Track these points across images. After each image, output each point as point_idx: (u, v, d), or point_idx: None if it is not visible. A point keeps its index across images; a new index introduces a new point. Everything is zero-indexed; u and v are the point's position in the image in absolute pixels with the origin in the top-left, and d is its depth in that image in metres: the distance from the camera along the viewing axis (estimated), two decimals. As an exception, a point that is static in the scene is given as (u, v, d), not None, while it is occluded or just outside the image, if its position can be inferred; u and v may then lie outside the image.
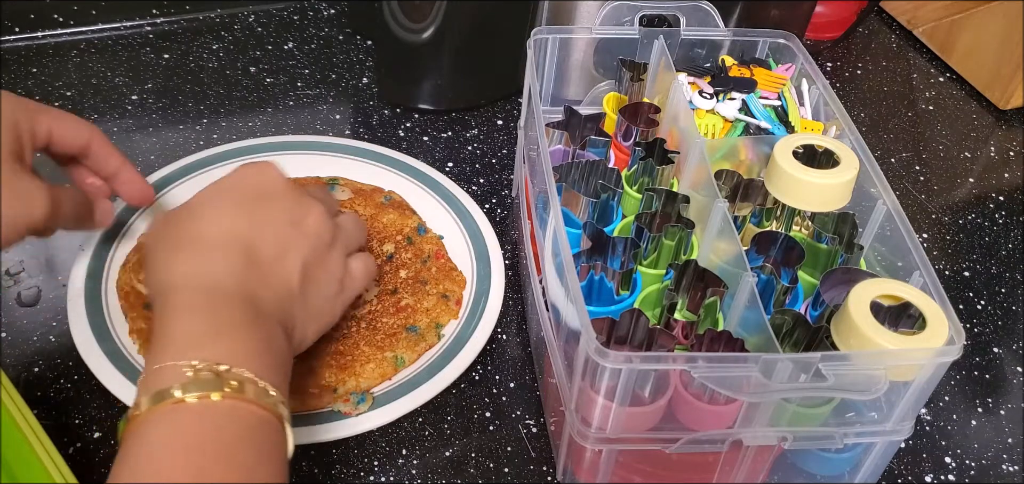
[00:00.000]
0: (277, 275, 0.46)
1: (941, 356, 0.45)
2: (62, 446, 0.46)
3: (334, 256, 0.50)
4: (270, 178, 0.49)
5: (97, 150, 0.54)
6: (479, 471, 0.54)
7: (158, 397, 0.39)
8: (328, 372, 0.54)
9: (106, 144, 0.54)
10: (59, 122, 0.51)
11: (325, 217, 0.50)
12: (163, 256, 0.46)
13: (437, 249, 0.64)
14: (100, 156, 0.54)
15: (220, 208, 0.47)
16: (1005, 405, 0.62)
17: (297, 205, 0.49)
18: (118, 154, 0.55)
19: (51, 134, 0.51)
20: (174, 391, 0.38)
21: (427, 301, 0.59)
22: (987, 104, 0.90)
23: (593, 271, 0.53)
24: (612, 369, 0.43)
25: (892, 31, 0.99)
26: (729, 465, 0.50)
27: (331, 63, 0.84)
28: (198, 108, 0.77)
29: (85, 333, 0.53)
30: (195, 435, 0.38)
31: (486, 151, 0.76)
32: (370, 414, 0.52)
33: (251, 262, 0.45)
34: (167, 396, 0.38)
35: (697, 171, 0.56)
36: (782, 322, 0.50)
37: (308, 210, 0.49)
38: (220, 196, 0.48)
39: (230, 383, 0.39)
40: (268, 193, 0.48)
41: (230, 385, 0.39)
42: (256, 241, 0.46)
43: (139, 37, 0.83)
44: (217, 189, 0.48)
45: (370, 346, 0.56)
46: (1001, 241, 0.75)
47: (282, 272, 0.47)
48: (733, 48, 0.67)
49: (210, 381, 0.39)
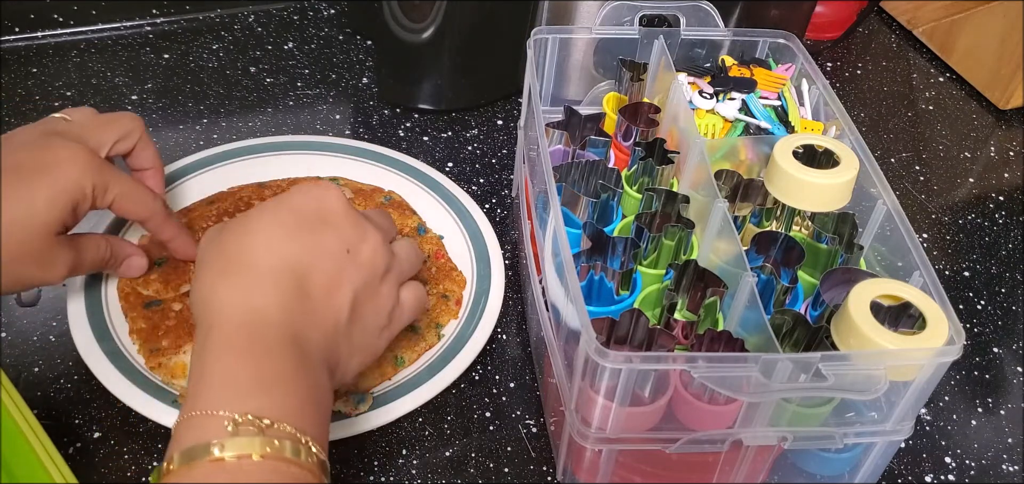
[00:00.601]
0: (327, 309, 0.44)
1: (941, 356, 0.45)
2: (62, 446, 0.46)
3: (386, 288, 0.48)
4: (329, 201, 0.46)
5: (156, 222, 0.54)
6: (479, 471, 0.54)
7: (194, 453, 0.37)
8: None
9: (164, 217, 0.54)
10: (126, 196, 0.51)
11: (381, 246, 0.47)
12: (209, 278, 0.43)
13: (437, 249, 0.64)
14: (158, 226, 0.55)
15: (275, 233, 0.44)
16: (1005, 405, 0.62)
17: (354, 231, 0.46)
18: (174, 224, 0.56)
19: (113, 204, 0.51)
20: (213, 448, 0.37)
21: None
22: (987, 104, 0.90)
23: (593, 271, 0.53)
24: (612, 369, 0.43)
25: (892, 31, 0.99)
26: (729, 465, 0.50)
27: (331, 63, 0.84)
28: (198, 108, 0.77)
29: (85, 333, 0.53)
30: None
31: (486, 151, 0.76)
32: (370, 414, 0.52)
33: (301, 294, 0.43)
34: (204, 453, 0.37)
35: (697, 171, 0.56)
36: (782, 322, 0.50)
37: (365, 237, 0.47)
38: (276, 218, 0.45)
39: (272, 443, 0.37)
40: (325, 218, 0.46)
41: (272, 444, 0.37)
42: (309, 271, 0.44)
43: (139, 37, 0.83)
44: (274, 209, 0.45)
45: None
46: (1001, 241, 0.75)
47: (332, 306, 0.45)
48: (733, 48, 0.67)
49: (251, 437, 0.37)
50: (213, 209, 0.63)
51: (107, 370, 0.51)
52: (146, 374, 0.52)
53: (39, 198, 0.47)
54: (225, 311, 0.42)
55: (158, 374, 0.52)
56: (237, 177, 0.67)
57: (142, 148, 0.55)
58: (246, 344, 0.41)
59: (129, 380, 0.51)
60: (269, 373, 0.40)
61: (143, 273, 0.57)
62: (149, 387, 0.51)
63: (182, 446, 0.37)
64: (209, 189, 0.66)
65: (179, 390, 0.52)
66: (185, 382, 0.52)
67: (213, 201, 0.65)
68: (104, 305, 0.56)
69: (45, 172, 0.47)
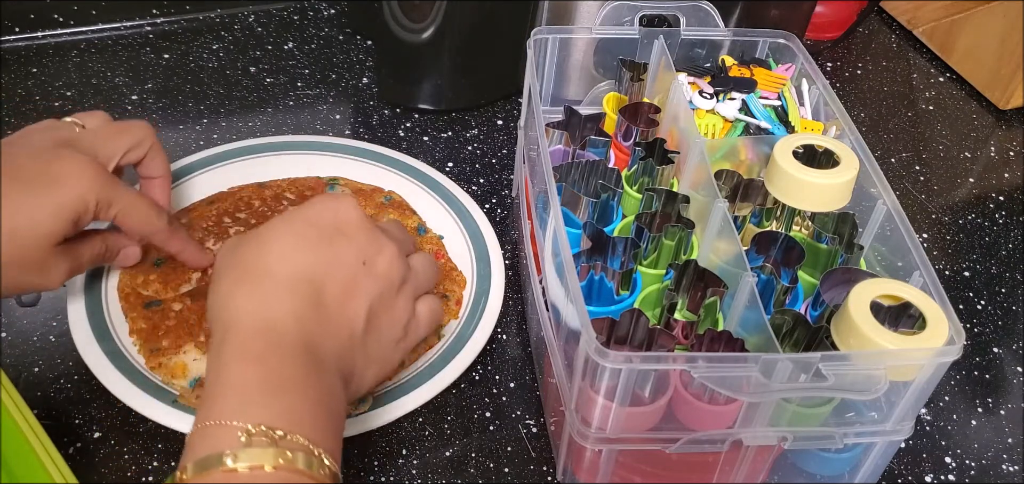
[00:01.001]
0: (342, 319, 0.45)
1: (941, 356, 0.45)
2: (62, 446, 0.46)
3: (402, 300, 0.48)
4: (345, 213, 0.47)
5: (161, 240, 0.55)
6: (479, 471, 0.54)
7: (207, 463, 0.37)
8: None
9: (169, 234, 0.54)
10: (127, 214, 0.51)
11: (397, 258, 0.48)
12: (226, 286, 0.44)
13: (437, 249, 0.64)
14: (162, 242, 0.55)
15: (291, 243, 0.45)
16: (1005, 405, 0.62)
17: (370, 243, 0.47)
18: (180, 236, 0.56)
19: (116, 218, 0.51)
20: (226, 459, 0.37)
21: None
22: (987, 104, 0.90)
23: (593, 271, 0.53)
24: (612, 369, 0.43)
25: (892, 31, 0.99)
26: (729, 465, 0.50)
27: (331, 63, 0.84)
28: (198, 108, 0.77)
29: (85, 332, 0.53)
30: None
31: (486, 151, 0.76)
32: (370, 414, 0.52)
33: (317, 304, 0.44)
34: (217, 463, 0.37)
35: (697, 171, 0.56)
36: (782, 322, 0.50)
37: (381, 249, 0.47)
38: (292, 229, 0.46)
39: (284, 454, 0.38)
40: (342, 230, 0.46)
41: (285, 456, 0.37)
42: (325, 281, 0.44)
43: (139, 37, 0.83)
44: (290, 221, 0.46)
45: None
46: (1001, 241, 0.75)
47: (347, 316, 0.45)
48: (733, 48, 0.67)
49: (264, 449, 0.37)
50: (213, 209, 0.63)
51: (107, 370, 0.51)
52: (146, 374, 0.52)
53: (43, 211, 0.47)
54: (241, 318, 0.42)
55: (158, 374, 0.53)
56: (237, 177, 0.67)
57: (152, 157, 0.55)
58: (261, 351, 0.41)
59: (129, 380, 0.51)
60: (283, 380, 0.40)
61: (138, 261, 0.57)
62: (149, 387, 0.51)
63: (196, 456, 0.38)
64: (209, 189, 0.66)
65: (179, 390, 0.52)
66: (185, 382, 0.52)
67: (213, 201, 0.65)
68: (104, 305, 0.56)
69: (51, 185, 0.47)
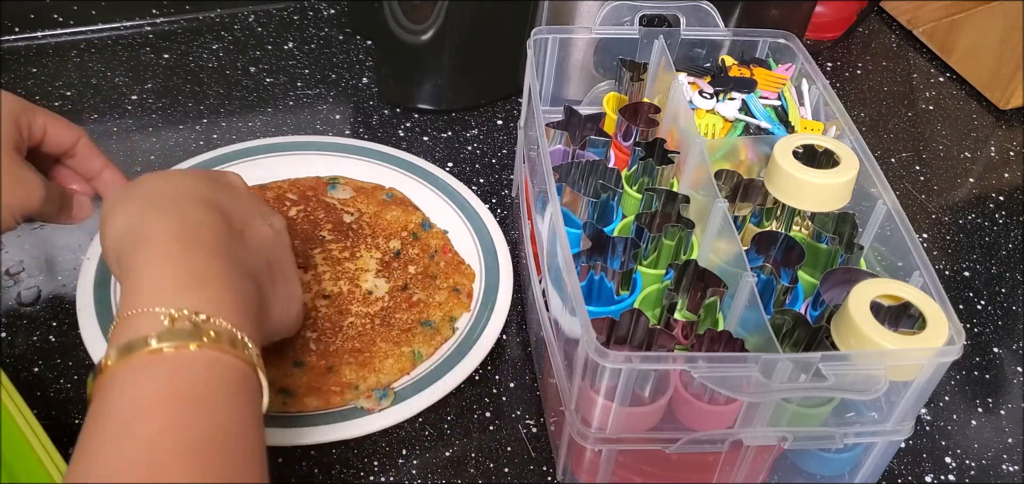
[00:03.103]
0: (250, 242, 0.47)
1: (941, 356, 0.45)
2: (62, 446, 0.46)
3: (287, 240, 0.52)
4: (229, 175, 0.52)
5: (83, 150, 0.55)
6: (479, 471, 0.54)
7: (131, 347, 0.37)
8: (348, 370, 0.54)
9: (91, 146, 0.56)
10: (52, 121, 0.54)
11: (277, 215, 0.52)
12: (137, 208, 0.44)
13: (443, 244, 0.64)
14: (85, 156, 0.55)
15: (192, 179, 0.48)
16: (1005, 405, 0.62)
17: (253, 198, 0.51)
18: (102, 155, 0.56)
19: (46, 130, 0.53)
20: (150, 340, 0.37)
21: (439, 295, 0.60)
22: (987, 104, 0.90)
23: (593, 271, 0.53)
24: (612, 369, 0.43)
25: (892, 31, 0.99)
26: (729, 465, 0.50)
27: (331, 63, 0.84)
28: (198, 108, 0.77)
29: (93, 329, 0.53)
30: (171, 387, 0.37)
31: (486, 151, 0.76)
32: (392, 409, 0.52)
33: (228, 223, 0.46)
34: (142, 345, 0.37)
35: (697, 171, 0.56)
36: (782, 322, 0.50)
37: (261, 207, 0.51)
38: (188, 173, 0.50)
39: (208, 333, 0.38)
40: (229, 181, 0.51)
41: (208, 335, 0.38)
42: (230, 210, 0.47)
43: (139, 37, 0.83)
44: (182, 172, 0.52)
45: (386, 342, 0.56)
46: (1001, 241, 0.75)
47: (254, 240, 0.47)
48: (733, 48, 0.67)
49: (188, 330, 0.38)
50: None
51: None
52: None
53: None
54: (156, 230, 0.43)
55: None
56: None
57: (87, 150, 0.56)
58: (181, 251, 0.42)
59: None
60: (205, 273, 0.41)
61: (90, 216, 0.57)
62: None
63: (119, 342, 0.38)
64: (209, 189, 0.66)
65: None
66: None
67: (213, 201, 0.65)
68: (112, 303, 0.55)
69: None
